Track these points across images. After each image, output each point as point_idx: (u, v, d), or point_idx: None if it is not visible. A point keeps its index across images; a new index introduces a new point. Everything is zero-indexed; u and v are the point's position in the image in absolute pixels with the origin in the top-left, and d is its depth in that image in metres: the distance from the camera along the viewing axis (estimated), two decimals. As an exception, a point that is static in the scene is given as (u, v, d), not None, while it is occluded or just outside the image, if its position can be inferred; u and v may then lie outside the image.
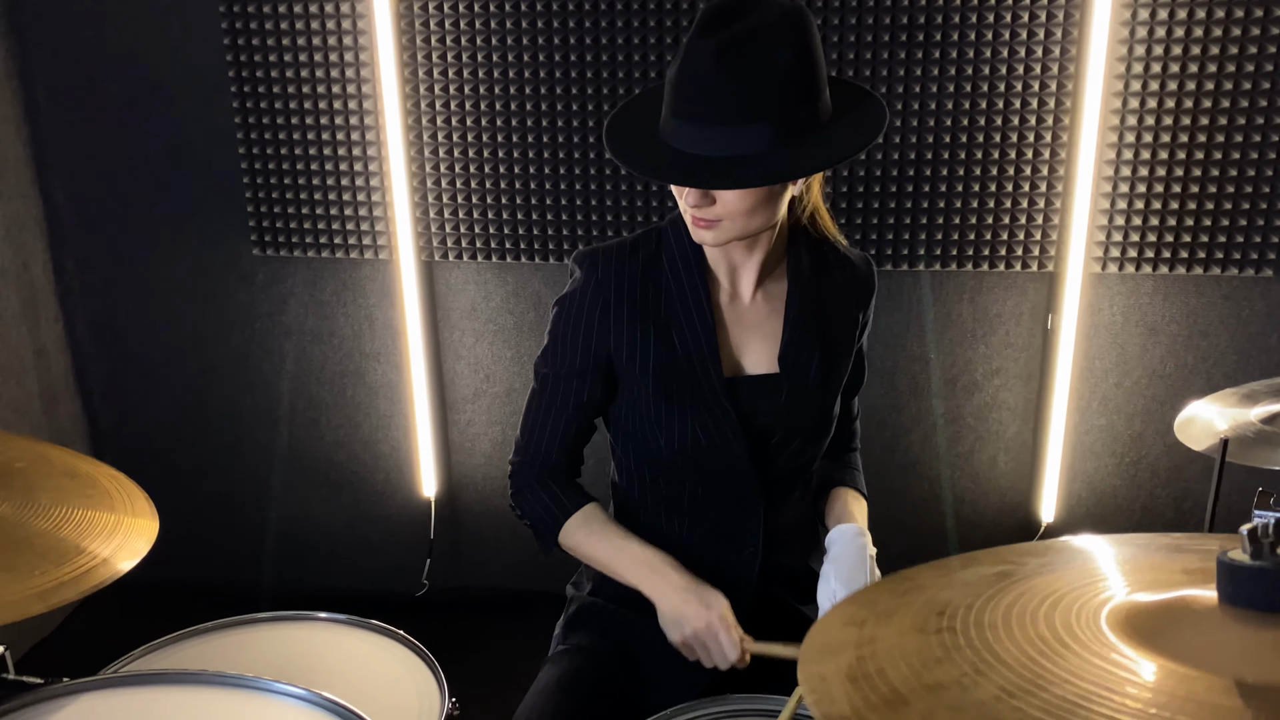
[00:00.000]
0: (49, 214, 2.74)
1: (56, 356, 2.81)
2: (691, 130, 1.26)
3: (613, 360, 1.45)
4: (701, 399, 1.44)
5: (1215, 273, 2.38)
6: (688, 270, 1.45)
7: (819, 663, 0.68)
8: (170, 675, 1.12)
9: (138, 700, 1.09)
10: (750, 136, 1.24)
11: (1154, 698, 0.58)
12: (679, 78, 1.25)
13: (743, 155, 1.24)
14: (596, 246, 1.48)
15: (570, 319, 1.45)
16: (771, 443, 1.48)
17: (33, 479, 1.26)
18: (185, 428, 2.86)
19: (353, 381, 2.77)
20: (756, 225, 1.36)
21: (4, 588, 1.06)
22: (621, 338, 1.43)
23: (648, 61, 2.38)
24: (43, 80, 2.63)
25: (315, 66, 2.49)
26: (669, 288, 1.45)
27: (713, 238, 1.36)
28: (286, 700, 1.10)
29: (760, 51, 1.22)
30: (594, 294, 1.43)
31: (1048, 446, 2.54)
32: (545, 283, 2.61)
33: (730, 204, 1.31)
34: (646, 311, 1.44)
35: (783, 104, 1.23)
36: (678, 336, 1.44)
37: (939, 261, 2.46)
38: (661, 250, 1.46)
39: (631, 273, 1.44)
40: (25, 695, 1.03)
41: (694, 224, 1.35)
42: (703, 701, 1.38)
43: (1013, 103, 2.32)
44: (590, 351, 1.45)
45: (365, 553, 2.89)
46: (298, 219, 2.61)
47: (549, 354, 1.48)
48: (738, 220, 1.33)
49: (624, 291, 1.44)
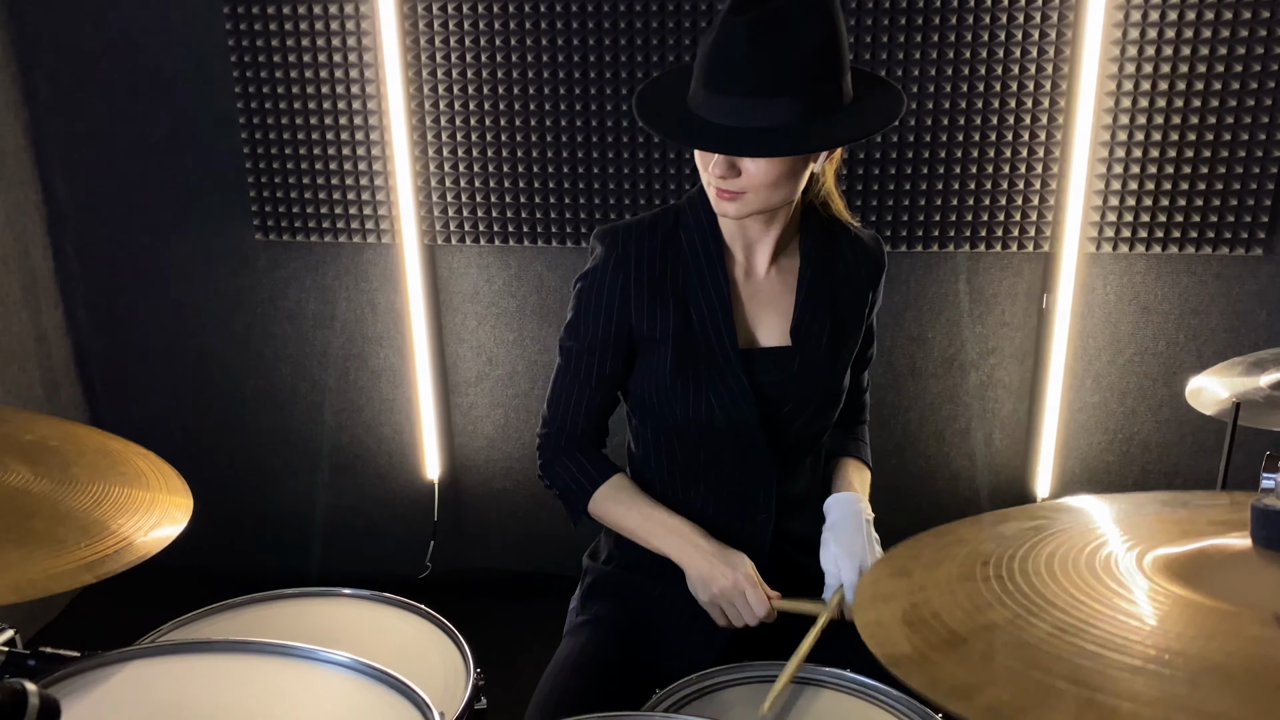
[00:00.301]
0: (48, 200, 2.74)
1: (57, 342, 2.81)
2: (721, 102, 1.30)
3: (632, 333, 1.49)
4: (717, 370, 1.48)
5: (1207, 252, 2.43)
6: (705, 246, 1.49)
7: (873, 609, 0.72)
8: (218, 644, 1.14)
9: (186, 667, 1.11)
10: (778, 109, 1.28)
11: (1199, 631, 0.61)
12: (712, 52, 1.29)
13: (771, 127, 1.29)
14: (617, 224, 1.51)
15: (593, 294, 1.49)
16: (783, 412, 1.52)
17: (67, 456, 1.28)
18: (186, 413, 2.87)
19: (355, 365, 2.78)
20: (779, 199, 1.40)
21: (48, 560, 1.08)
22: (641, 311, 1.47)
23: (650, 46, 2.41)
24: (42, 66, 2.62)
25: (318, 51, 2.50)
26: (687, 263, 1.49)
27: (735, 209, 1.39)
28: (333, 668, 1.13)
29: (791, 29, 1.26)
30: (615, 269, 1.47)
31: (1043, 424, 2.59)
32: (548, 265, 2.64)
33: (755, 175, 1.35)
34: (665, 286, 1.48)
35: (811, 80, 1.28)
36: (694, 310, 1.48)
37: (936, 242, 2.49)
38: (679, 227, 1.50)
39: (651, 248, 1.48)
40: (76, 664, 1.05)
41: (718, 196, 1.39)
42: (721, 669, 1.42)
43: (1009, 85, 2.36)
44: (612, 325, 1.49)
45: (368, 536, 2.91)
46: (300, 203, 2.62)
47: (573, 329, 1.52)
48: (761, 192, 1.37)
49: (643, 266, 1.48)
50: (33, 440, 1.31)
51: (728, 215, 1.43)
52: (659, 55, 2.41)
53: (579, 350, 1.52)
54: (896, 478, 2.70)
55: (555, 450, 1.58)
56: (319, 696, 1.10)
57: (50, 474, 1.22)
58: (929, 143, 2.41)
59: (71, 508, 1.18)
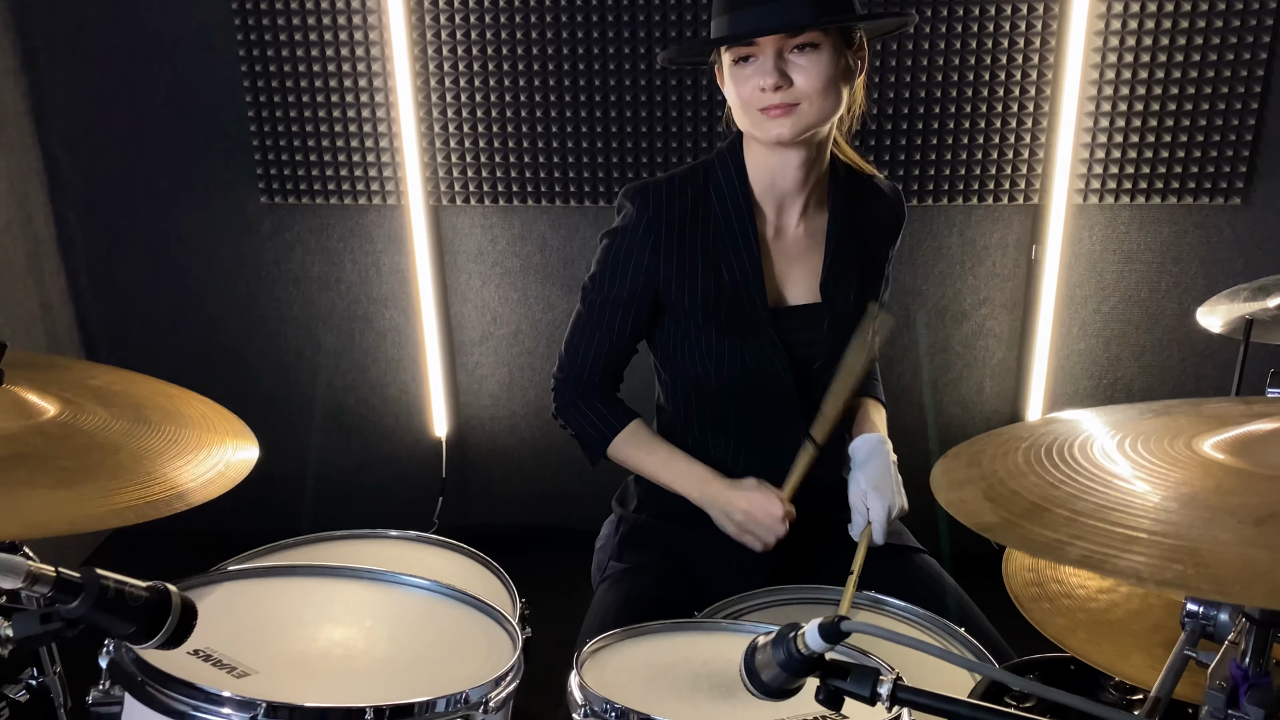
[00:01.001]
0: (49, 167, 2.74)
1: (60, 309, 2.82)
2: (750, 13, 1.36)
3: (660, 293, 1.54)
4: (749, 329, 1.54)
5: (1187, 202, 2.54)
6: (735, 206, 1.53)
7: (953, 490, 0.80)
8: (301, 568, 1.21)
9: (275, 588, 1.17)
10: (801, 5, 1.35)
11: (1253, 487, 0.70)
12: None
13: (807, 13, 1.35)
14: (647, 182, 1.55)
15: (622, 251, 1.53)
16: (814, 369, 1.59)
17: (136, 399, 1.33)
18: (192, 377, 2.86)
19: (361, 327, 2.82)
20: (830, 108, 1.42)
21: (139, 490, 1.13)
22: (671, 272, 1.52)
23: (651, 5, 2.46)
24: (40, 31, 2.62)
25: (322, 14, 2.53)
26: (718, 222, 1.53)
27: (791, 125, 1.41)
28: (413, 590, 1.20)
29: None
30: (645, 230, 1.51)
31: (1031, 372, 2.70)
32: (551, 225, 2.69)
33: (808, 80, 1.38)
34: (695, 246, 1.52)
35: None
36: (726, 270, 1.53)
37: (930, 196, 2.58)
38: (709, 185, 1.54)
39: (682, 209, 1.52)
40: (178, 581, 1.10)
41: (771, 115, 1.41)
42: (759, 591, 1.50)
43: (1001, 43, 2.44)
44: (640, 283, 1.53)
45: (377, 494, 2.96)
46: (305, 166, 2.65)
47: (598, 281, 1.56)
48: (815, 100, 1.40)
49: (674, 227, 1.51)
50: (99, 385, 1.36)
51: (783, 138, 1.42)
52: (660, 15, 2.46)
53: (603, 302, 1.56)
54: (891, 426, 2.78)
55: (572, 394, 1.64)
56: (408, 613, 1.16)
57: (124, 415, 1.27)
58: (925, 99, 2.49)
59: (149, 446, 1.23)
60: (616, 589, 1.60)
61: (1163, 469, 0.76)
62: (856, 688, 0.77)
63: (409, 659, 1.08)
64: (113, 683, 0.99)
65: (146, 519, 1.09)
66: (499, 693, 1.01)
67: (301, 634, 1.09)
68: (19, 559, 0.76)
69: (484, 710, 0.98)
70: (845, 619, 0.76)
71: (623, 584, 1.61)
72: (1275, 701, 0.84)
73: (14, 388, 1.21)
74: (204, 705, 0.91)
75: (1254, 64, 2.41)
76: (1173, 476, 0.74)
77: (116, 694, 0.99)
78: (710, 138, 2.56)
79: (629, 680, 1.06)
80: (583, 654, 1.10)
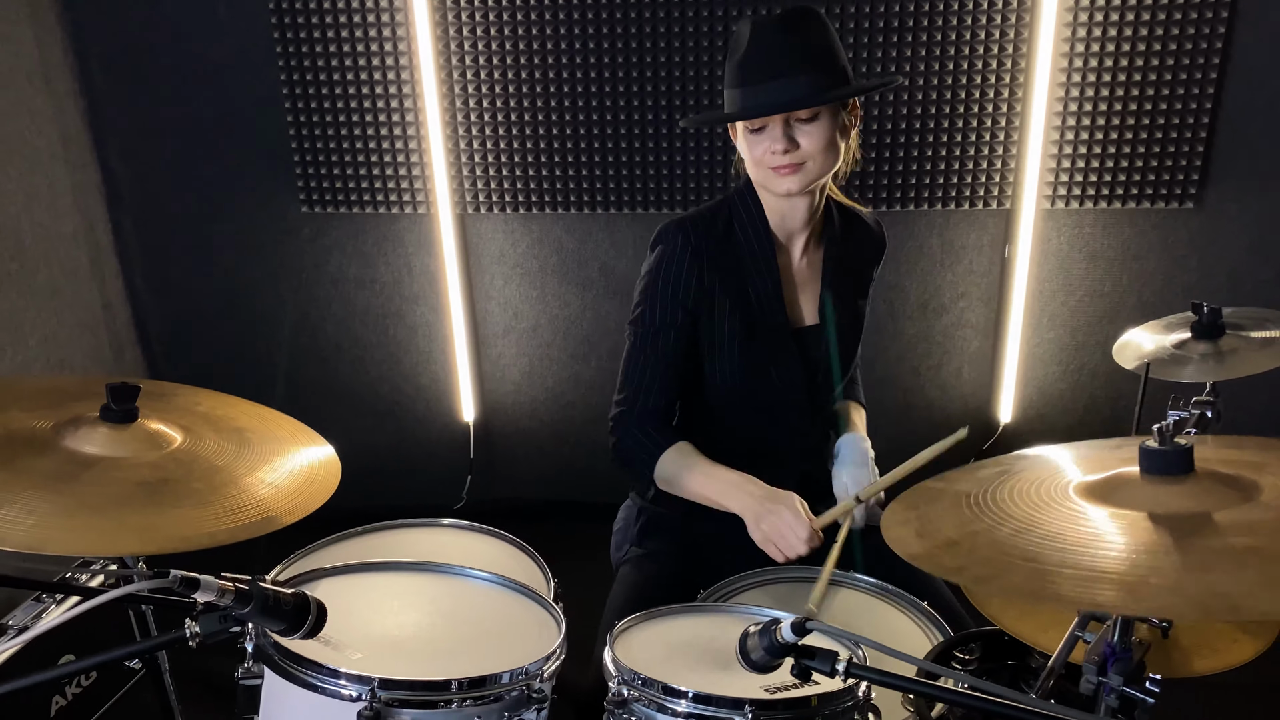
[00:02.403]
0: (107, 180, 2.99)
1: (120, 310, 3.09)
2: (759, 90, 1.60)
3: (699, 313, 1.75)
4: (773, 343, 1.78)
5: (1146, 206, 2.79)
6: (758, 236, 1.77)
7: (895, 529, 1.08)
8: (385, 564, 1.49)
9: (367, 582, 1.46)
10: (805, 83, 1.58)
11: (1101, 527, 0.98)
12: (747, 55, 1.60)
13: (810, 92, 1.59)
14: (684, 217, 1.77)
15: (669, 279, 1.74)
16: (816, 380, 1.85)
17: (239, 422, 1.60)
18: (239, 369, 3.18)
19: (394, 322, 3.10)
20: (830, 164, 1.67)
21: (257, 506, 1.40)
22: (710, 296, 1.74)
23: (657, 33, 2.69)
24: (97, 56, 2.86)
25: (356, 41, 2.76)
26: (744, 252, 1.76)
27: (798, 180, 1.65)
28: (476, 581, 1.48)
29: (799, 27, 1.60)
30: (692, 259, 1.72)
31: (1005, 358, 2.97)
32: (566, 230, 2.95)
33: (811, 145, 1.62)
34: (728, 272, 1.75)
35: (824, 58, 1.60)
36: (752, 291, 1.76)
37: (913, 202, 2.83)
38: (734, 221, 1.77)
39: (716, 241, 1.75)
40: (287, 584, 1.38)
41: (779, 174, 1.65)
42: (756, 571, 1.77)
43: (975, 64, 2.68)
44: (686, 307, 1.74)
45: (409, 473, 3.25)
46: (341, 178, 2.91)
47: (646, 311, 1.76)
48: (818, 158, 1.64)
49: (713, 257, 1.74)
50: (205, 410, 1.63)
51: (792, 191, 1.66)
52: (668, 41, 2.70)
53: (654, 330, 1.75)
54: (877, 409, 3.05)
55: (629, 426, 1.79)
56: (472, 601, 1.45)
57: (231, 438, 1.54)
58: (906, 116, 2.74)
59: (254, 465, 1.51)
60: (638, 572, 1.85)
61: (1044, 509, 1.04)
62: (820, 666, 1.06)
63: (477, 639, 1.36)
64: (255, 661, 1.27)
65: (270, 530, 1.37)
66: (550, 665, 1.29)
67: (392, 621, 1.37)
68: (213, 579, 1.04)
69: (540, 680, 1.26)
70: (811, 620, 1.04)
71: (643, 568, 1.86)
72: (1134, 670, 1.14)
73: (146, 421, 1.49)
74: (329, 679, 1.19)
75: (1205, 83, 2.65)
76: (1049, 514, 1.02)
77: (256, 670, 1.28)
78: (725, 151, 2.81)
79: (650, 655, 1.34)
80: (614, 634, 1.38)
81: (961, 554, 0.98)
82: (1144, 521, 0.97)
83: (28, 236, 2.68)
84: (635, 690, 1.26)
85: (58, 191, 2.81)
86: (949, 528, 1.04)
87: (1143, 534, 0.95)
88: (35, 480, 1.30)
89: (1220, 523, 0.95)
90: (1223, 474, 1.04)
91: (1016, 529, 1.01)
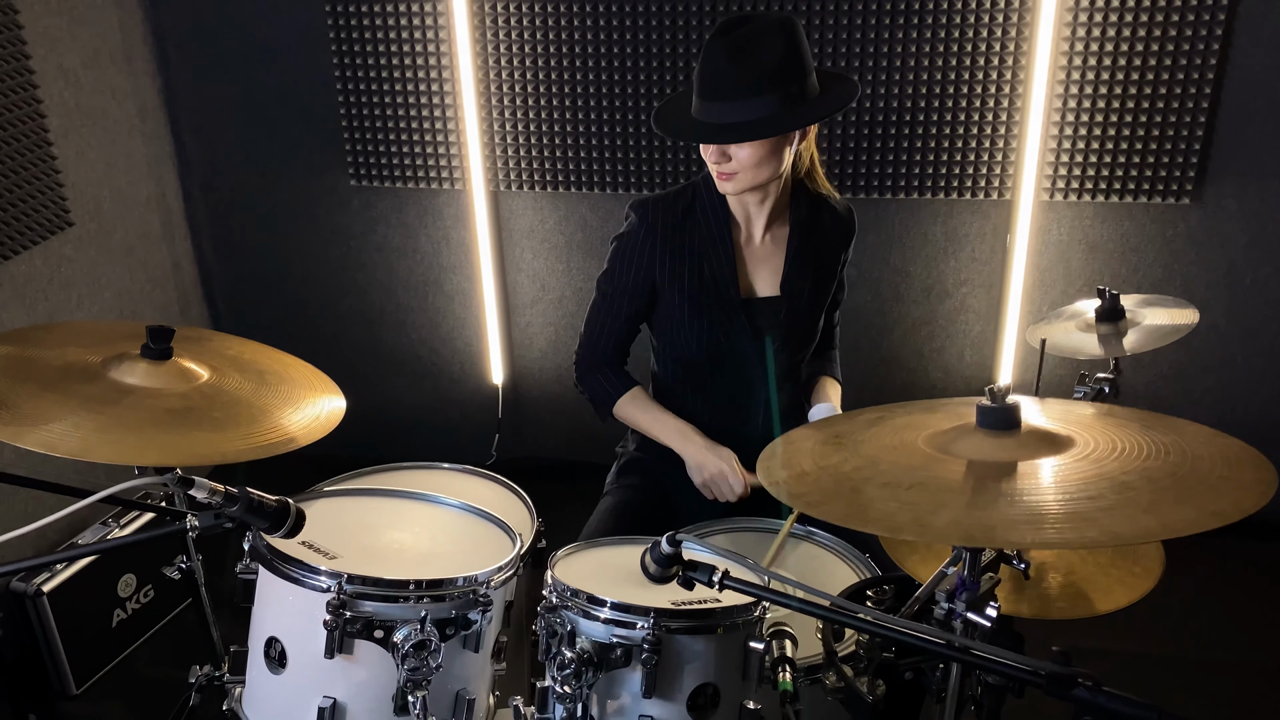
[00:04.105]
0: (178, 150, 3.30)
1: (188, 269, 3.41)
2: (711, 106, 1.79)
3: (656, 284, 1.99)
4: (725, 313, 1.99)
5: (1145, 201, 2.89)
6: (715, 217, 1.97)
7: (768, 460, 1.28)
8: (376, 490, 1.74)
9: (358, 504, 1.71)
10: (753, 106, 1.75)
11: (926, 470, 1.16)
12: (701, 71, 1.79)
13: (747, 120, 1.76)
14: (648, 197, 2.00)
15: (626, 252, 1.99)
16: (775, 347, 2.04)
17: (261, 365, 1.86)
18: (293, 327, 3.47)
19: (433, 290, 3.35)
20: (766, 175, 1.86)
21: (267, 433, 1.64)
22: (665, 268, 1.97)
23: (675, 26, 2.88)
24: (172, 39, 3.16)
25: (401, 29, 3.01)
26: (702, 230, 1.98)
27: (732, 186, 1.88)
28: (450, 508, 1.72)
29: (757, 46, 1.74)
30: (645, 235, 1.96)
31: (1004, 343, 3.10)
32: (591, 208, 3.16)
33: (742, 159, 1.82)
34: (684, 247, 1.97)
35: (776, 82, 1.74)
36: (707, 266, 1.98)
37: (917, 191, 2.98)
38: (695, 201, 1.99)
39: (674, 219, 1.97)
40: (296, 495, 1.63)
41: (718, 178, 1.88)
42: (715, 520, 1.98)
43: (978, 60, 2.81)
44: (640, 277, 1.99)
45: (444, 430, 3.52)
46: (388, 155, 3.16)
47: (609, 276, 2.03)
48: (749, 171, 1.84)
49: (668, 233, 1.96)
50: (234, 354, 1.89)
51: (727, 192, 1.91)
52: (686, 34, 2.88)
53: (613, 292, 2.03)
54: (881, 389, 3.22)
55: (588, 366, 2.11)
56: (445, 523, 1.69)
57: (252, 378, 1.80)
58: (911, 108, 2.88)
59: (270, 402, 1.76)
60: (610, 499, 2.12)
61: (892, 451, 1.23)
62: (700, 577, 1.26)
63: (443, 554, 1.59)
64: (251, 559, 1.52)
65: (271, 454, 1.62)
66: (500, 576, 1.51)
67: (372, 535, 1.61)
68: (207, 481, 1.29)
69: (489, 587, 1.48)
70: (678, 535, 1.24)
71: (615, 496, 2.12)
72: (980, 600, 1.31)
73: (180, 359, 1.75)
74: (308, 575, 1.43)
75: (1203, 80, 2.73)
76: (894, 458, 1.21)
77: (253, 567, 1.53)
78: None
79: (583, 573, 1.55)
80: (556, 556, 1.60)
81: (808, 483, 1.17)
82: (960, 466, 1.15)
83: (106, 200, 3.00)
84: (565, 600, 1.47)
85: (134, 161, 3.12)
86: (808, 461, 1.23)
87: (954, 476, 1.13)
88: (83, 403, 1.56)
89: (1020, 471, 1.12)
90: (1046, 431, 1.21)
91: (858, 466, 1.19)
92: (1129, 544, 0.96)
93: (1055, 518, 1.02)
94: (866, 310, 3.13)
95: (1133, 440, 1.18)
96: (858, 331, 3.14)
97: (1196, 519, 0.98)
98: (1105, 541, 0.96)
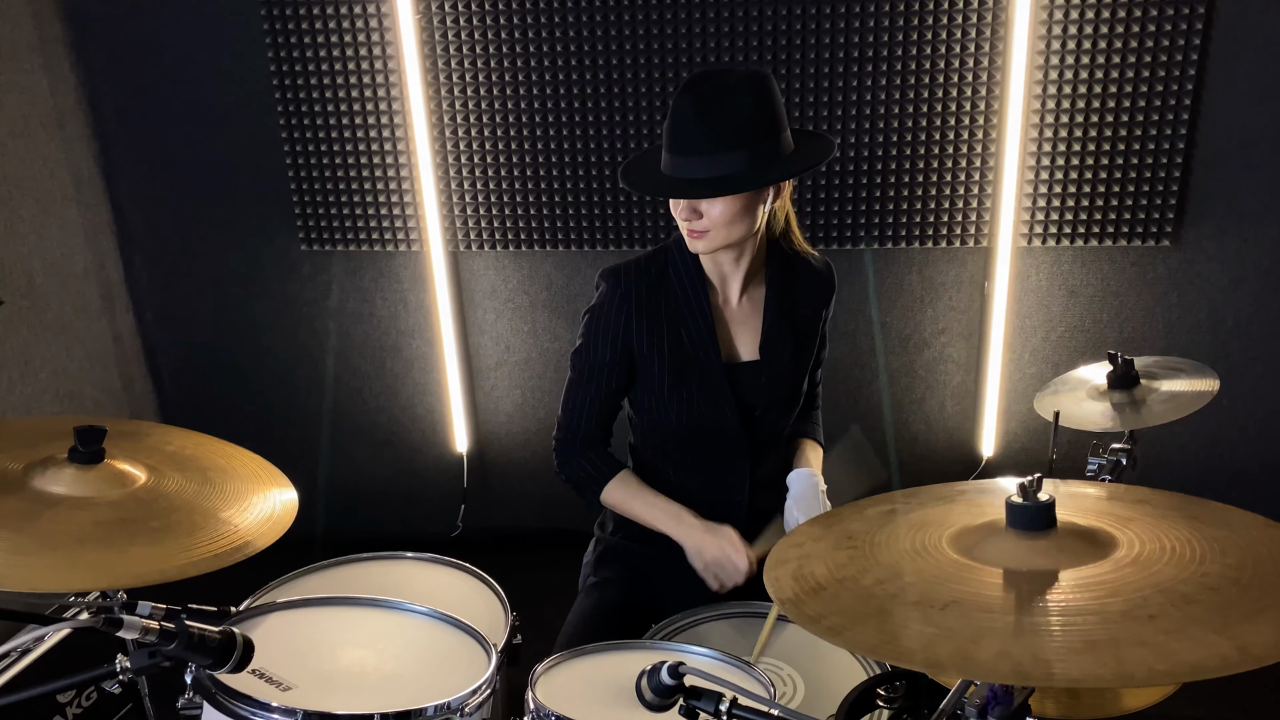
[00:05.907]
0: (118, 220, 3.13)
1: (130, 343, 3.23)
2: (680, 161, 1.68)
3: (635, 354, 1.87)
4: (705, 381, 1.87)
5: (1124, 244, 2.82)
6: (691, 280, 1.86)
7: (775, 569, 1.14)
8: (333, 599, 1.57)
9: (313, 617, 1.54)
10: (722, 162, 1.65)
11: (958, 582, 1.03)
12: (670, 125, 1.68)
13: (715, 176, 1.66)
14: (619, 264, 1.87)
15: (601, 324, 1.86)
16: (756, 414, 1.92)
17: (203, 462, 1.69)
18: (244, 398, 3.29)
19: (390, 355, 3.20)
20: (738, 234, 1.75)
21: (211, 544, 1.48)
22: (642, 337, 1.84)
23: (639, 78, 2.78)
24: (109, 102, 3.01)
25: (351, 88, 2.88)
26: (677, 295, 1.86)
27: (704, 245, 1.76)
28: (417, 616, 1.56)
29: (727, 102, 1.64)
30: (619, 304, 1.84)
31: (986, 393, 3.00)
32: (555, 267, 3.03)
33: (713, 216, 1.71)
34: (660, 314, 1.85)
35: (747, 138, 1.64)
36: (684, 332, 1.86)
37: (891, 240, 2.88)
38: (669, 265, 1.87)
39: (649, 284, 1.85)
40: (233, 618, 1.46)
41: (689, 236, 1.76)
42: (704, 607, 1.84)
43: (950, 106, 2.73)
44: (617, 349, 1.86)
45: (407, 501, 3.35)
46: (339, 218, 3.02)
47: (584, 351, 1.89)
48: (720, 229, 1.73)
49: (643, 300, 1.84)
50: (174, 450, 1.72)
51: (698, 251, 1.79)
52: (648, 86, 2.78)
53: (590, 368, 1.89)
54: (862, 441, 3.11)
55: (570, 450, 1.95)
56: (410, 636, 1.53)
57: (194, 477, 1.64)
58: (883, 158, 2.79)
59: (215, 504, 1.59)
60: (587, 599, 1.96)
61: (912, 557, 1.09)
62: (705, 706, 1.12)
63: (409, 674, 1.43)
64: (194, 694, 1.35)
65: (219, 567, 1.46)
66: (476, 699, 1.36)
67: (330, 655, 1.45)
68: (137, 619, 1.13)
69: (463, 714, 1.33)
70: (682, 665, 1.10)
71: (593, 595, 1.96)
72: (1013, 714, 1.18)
73: (112, 461, 1.58)
74: (260, 712, 1.27)
75: (1178, 122, 2.68)
76: (915, 565, 1.08)
77: (197, 701, 1.36)
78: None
79: (569, 693, 1.40)
80: (536, 673, 1.45)
81: (825, 601, 1.04)
82: (996, 578, 1.02)
83: (39, 275, 2.82)
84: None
85: (69, 231, 2.95)
86: (821, 570, 1.10)
87: (991, 591, 1.00)
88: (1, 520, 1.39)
89: (1062, 582, 1.00)
90: (1083, 529, 1.09)
91: (880, 580, 1.06)
92: (1209, 677, 0.83)
93: (1113, 644, 0.89)
94: (844, 362, 3.02)
95: (1180, 537, 1.06)
96: (835, 383, 3.03)
97: (1277, 640, 0.86)
98: (1181, 676, 0.84)
